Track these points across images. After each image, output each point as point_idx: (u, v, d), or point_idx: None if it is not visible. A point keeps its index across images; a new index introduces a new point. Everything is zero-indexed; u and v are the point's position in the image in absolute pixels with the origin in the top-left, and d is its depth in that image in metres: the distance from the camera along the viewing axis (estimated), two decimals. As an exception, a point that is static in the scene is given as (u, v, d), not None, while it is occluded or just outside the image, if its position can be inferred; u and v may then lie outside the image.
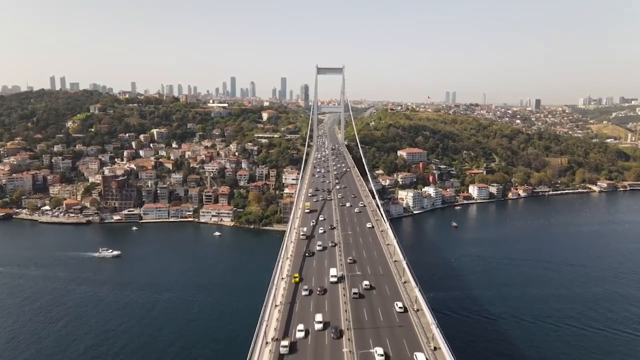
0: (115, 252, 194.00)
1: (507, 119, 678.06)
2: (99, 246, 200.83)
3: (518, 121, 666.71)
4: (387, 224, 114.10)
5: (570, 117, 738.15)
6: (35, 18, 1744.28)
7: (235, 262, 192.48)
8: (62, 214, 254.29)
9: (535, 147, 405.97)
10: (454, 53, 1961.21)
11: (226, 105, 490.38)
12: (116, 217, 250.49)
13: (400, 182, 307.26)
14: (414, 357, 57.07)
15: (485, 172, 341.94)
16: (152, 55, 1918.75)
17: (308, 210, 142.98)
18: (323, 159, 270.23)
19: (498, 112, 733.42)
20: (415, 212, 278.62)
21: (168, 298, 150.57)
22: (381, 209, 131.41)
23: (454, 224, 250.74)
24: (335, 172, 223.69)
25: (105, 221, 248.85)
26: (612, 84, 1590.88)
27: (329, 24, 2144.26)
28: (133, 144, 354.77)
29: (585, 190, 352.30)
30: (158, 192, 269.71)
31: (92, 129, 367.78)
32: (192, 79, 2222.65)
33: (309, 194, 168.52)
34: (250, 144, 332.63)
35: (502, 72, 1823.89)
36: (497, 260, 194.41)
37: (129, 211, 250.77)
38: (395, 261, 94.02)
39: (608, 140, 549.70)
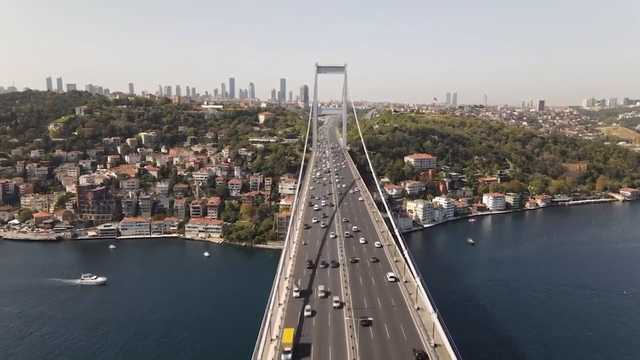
0: (100, 279, 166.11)
1: (513, 120, 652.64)
2: (77, 269, 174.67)
3: (524, 123, 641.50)
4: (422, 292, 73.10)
5: (579, 119, 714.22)
6: (34, 18, 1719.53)
7: (229, 292, 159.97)
8: (30, 228, 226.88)
9: (550, 151, 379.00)
10: (453, 54, 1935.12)
11: (221, 107, 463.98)
12: (91, 233, 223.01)
13: (408, 192, 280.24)
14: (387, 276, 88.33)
15: (499, 180, 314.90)
16: (151, 57, 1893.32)
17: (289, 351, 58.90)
18: (324, 178, 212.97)
19: (504, 114, 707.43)
20: (425, 225, 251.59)
21: (181, 346, 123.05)
22: (406, 255, 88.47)
23: (470, 240, 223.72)
24: (339, 192, 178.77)
25: (79, 237, 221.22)
26: (614, 85, 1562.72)
27: (328, 25, 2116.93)
28: (118, 148, 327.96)
29: (608, 200, 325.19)
30: (140, 203, 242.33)
31: (76, 133, 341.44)
32: (191, 80, 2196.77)
33: (294, 288, 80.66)
34: (243, 149, 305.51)
35: (503, 73, 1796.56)
36: (526, 285, 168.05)
37: (105, 226, 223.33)
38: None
39: (620, 143, 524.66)
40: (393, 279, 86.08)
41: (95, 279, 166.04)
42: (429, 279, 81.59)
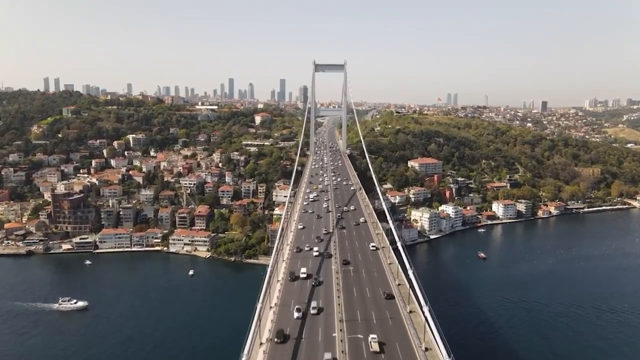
0: (80, 304, 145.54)
1: (517, 122, 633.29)
2: (52, 290, 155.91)
3: (529, 124, 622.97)
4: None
5: (584, 121, 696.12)
6: (34, 18, 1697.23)
7: (214, 322, 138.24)
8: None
9: (561, 155, 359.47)
10: (453, 54, 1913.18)
11: (215, 107, 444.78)
12: (65, 246, 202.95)
13: (413, 199, 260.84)
14: (370, 246, 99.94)
15: (509, 186, 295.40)
16: (151, 57, 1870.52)
17: None
18: (324, 204, 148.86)
19: (507, 115, 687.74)
20: (431, 236, 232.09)
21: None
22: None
23: (482, 254, 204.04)
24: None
25: (52, 251, 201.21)
26: (615, 85, 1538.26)
27: (328, 25, 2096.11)
28: (104, 152, 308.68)
29: (624, 207, 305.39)
30: (121, 213, 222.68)
31: (60, 135, 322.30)
32: (191, 80, 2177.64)
33: None
34: (236, 153, 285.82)
35: (503, 73, 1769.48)
36: (550, 308, 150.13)
37: (81, 238, 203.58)
38: None
39: (629, 145, 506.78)
40: None
41: (75, 303, 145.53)
42: (437, 299, 62.16)
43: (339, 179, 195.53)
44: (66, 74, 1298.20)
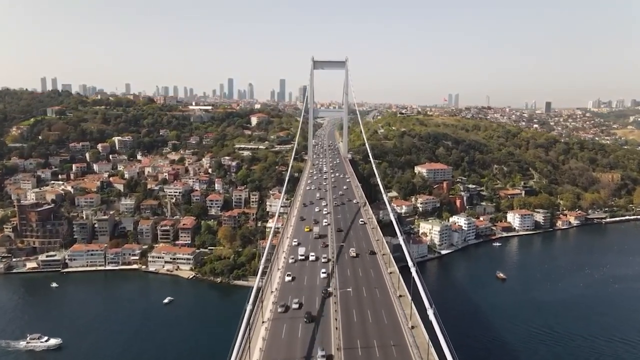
0: (52, 341, 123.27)
1: (523, 123, 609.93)
2: (17, 322, 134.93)
3: (536, 126, 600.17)
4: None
5: (593, 122, 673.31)
6: (34, 18, 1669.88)
7: None
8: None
9: (577, 159, 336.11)
10: (454, 54, 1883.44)
11: (209, 108, 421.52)
12: (30, 265, 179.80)
13: (420, 209, 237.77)
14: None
15: (524, 193, 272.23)
16: (151, 57, 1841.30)
17: None
18: (322, 273, 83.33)
19: (513, 116, 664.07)
20: (442, 252, 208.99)
21: None
22: None
23: (501, 274, 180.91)
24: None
25: (14, 270, 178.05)
26: (615, 86, 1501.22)
27: (328, 25, 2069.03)
28: (87, 155, 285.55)
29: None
30: (96, 225, 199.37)
31: (41, 137, 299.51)
32: (190, 80, 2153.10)
33: None
34: (227, 157, 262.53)
35: (503, 73, 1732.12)
36: (587, 342, 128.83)
37: (47, 256, 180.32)
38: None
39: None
40: None
41: (46, 341, 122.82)
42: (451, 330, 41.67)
43: (340, 179, 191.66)
44: (66, 74, 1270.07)
